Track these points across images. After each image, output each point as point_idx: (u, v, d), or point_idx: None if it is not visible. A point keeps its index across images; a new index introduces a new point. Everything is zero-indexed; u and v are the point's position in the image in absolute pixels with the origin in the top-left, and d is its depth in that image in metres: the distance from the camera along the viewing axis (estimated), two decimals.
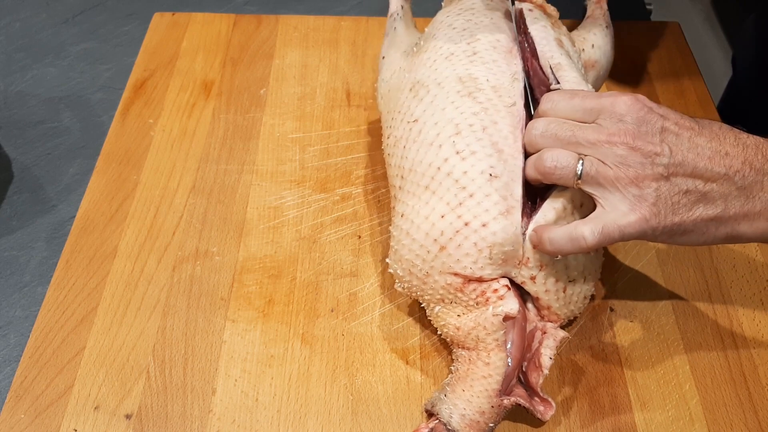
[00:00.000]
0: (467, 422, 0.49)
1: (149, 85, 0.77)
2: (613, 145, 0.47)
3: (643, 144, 0.47)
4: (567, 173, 0.48)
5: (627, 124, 0.47)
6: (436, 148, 0.52)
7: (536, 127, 0.50)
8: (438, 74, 0.56)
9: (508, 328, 0.50)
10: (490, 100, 0.53)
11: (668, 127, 0.47)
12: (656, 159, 0.46)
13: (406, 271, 0.53)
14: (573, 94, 0.50)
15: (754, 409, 0.54)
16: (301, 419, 0.53)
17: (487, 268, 0.50)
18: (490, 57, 0.56)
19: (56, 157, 0.74)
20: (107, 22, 0.90)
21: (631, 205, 0.47)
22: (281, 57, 0.80)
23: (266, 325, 0.58)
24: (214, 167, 0.69)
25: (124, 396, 0.54)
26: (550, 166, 0.48)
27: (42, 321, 0.58)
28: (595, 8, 0.68)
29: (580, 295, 0.53)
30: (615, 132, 0.47)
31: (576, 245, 0.47)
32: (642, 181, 0.46)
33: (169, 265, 0.62)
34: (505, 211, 0.49)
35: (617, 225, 0.47)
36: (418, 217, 0.52)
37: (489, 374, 0.50)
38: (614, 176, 0.47)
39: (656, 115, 0.48)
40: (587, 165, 0.47)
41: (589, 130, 0.48)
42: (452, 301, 0.52)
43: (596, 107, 0.49)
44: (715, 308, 0.60)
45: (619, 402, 0.54)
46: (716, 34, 0.93)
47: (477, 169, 0.50)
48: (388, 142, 0.58)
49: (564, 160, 0.48)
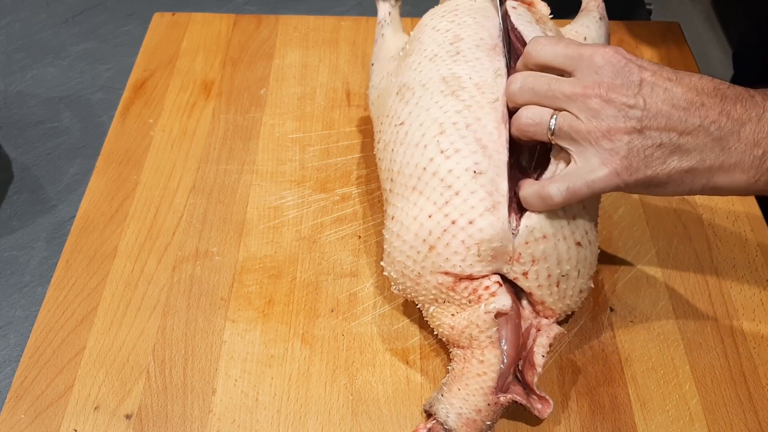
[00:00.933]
0: (464, 421, 0.49)
1: (149, 85, 0.77)
2: (587, 98, 0.47)
3: (616, 96, 0.46)
4: (541, 129, 0.49)
5: (603, 76, 0.47)
6: (422, 149, 0.52)
7: (515, 81, 0.51)
8: (422, 76, 0.56)
9: (501, 325, 0.50)
10: (473, 98, 0.53)
11: (645, 78, 0.47)
12: (629, 112, 0.46)
13: (399, 273, 0.53)
14: (558, 40, 0.51)
15: (754, 409, 0.54)
16: (301, 419, 0.53)
17: (477, 266, 0.50)
18: (473, 55, 0.56)
19: (56, 157, 0.74)
20: (107, 22, 0.90)
21: (603, 159, 0.47)
22: (281, 57, 0.80)
23: (266, 325, 0.58)
24: (214, 167, 0.69)
25: (124, 396, 0.54)
26: (524, 122, 0.49)
27: (42, 321, 0.58)
28: (589, 1, 0.68)
29: (575, 289, 0.52)
30: (590, 84, 0.47)
31: (546, 203, 0.48)
32: (614, 135, 0.46)
33: (169, 265, 0.62)
34: (491, 207, 0.49)
35: (584, 181, 0.47)
36: (407, 219, 0.52)
37: (484, 372, 0.50)
38: (586, 130, 0.47)
39: (635, 66, 0.47)
40: (560, 120, 0.48)
41: (564, 83, 0.48)
42: (445, 301, 0.52)
43: (576, 56, 0.49)
44: (715, 308, 0.60)
45: (619, 402, 0.54)
46: (716, 34, 0.93)
47: (462, 166, 0.50)
48: (378, 147, 0.58)
49: (537, 116, 0.49)
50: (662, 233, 0.64)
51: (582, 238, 0.51)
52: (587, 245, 0.52)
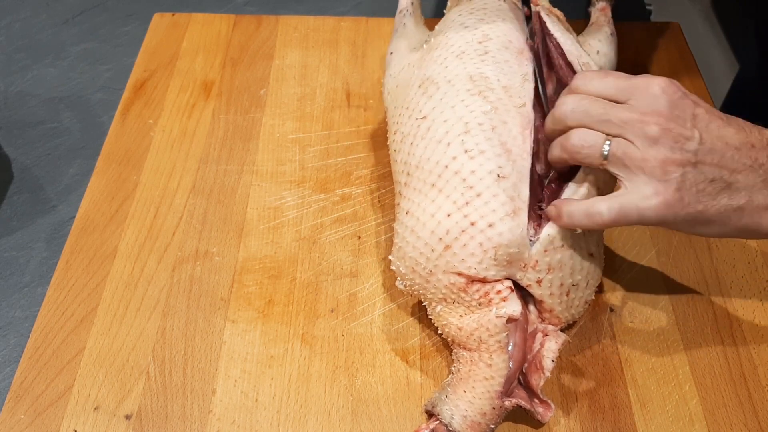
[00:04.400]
0: (468, 423, 0.49)
1: (149, 85, 0.77)
2: (645, 125, 0.46)
3: (675, 126, 0.46)
4: (593, 152, 0.47)
5: (660, 105, 0.47)
6: (445, 146, 0.52)
7: (567, 102, 0.49)
8: (448, 72, 0.56)
9: (511, 330, 0.50)
10: (501, 100, 0.53)
11: (699, 114, 0.47)
12: (686, 144, 0.46)
13: (409, 269, 0.53)
14: (606, 73, 0.50)
15: (754, 409, 0.54)
16: (301, 420, 0.53)
17: (492, 269, 0.49)
18: (501, 57, 0.55)
19: (56, 157, 0.74)
20: (107, 23, 0.90)
21: (655, 189, 0.46)
22: (281, 57, 0.80)
23: (266, 325, 0.58)
24: (214, 167, 0.69)
25: (124, 396, 0.54)
26: (577, 144, 0.48)
27: (42, 321, 0.58)
28: (600, 15, 0.68)
29: (582, 300, 0.53)
30: (648, 112, 0.46)
31: (592, 221, 0.47)
32: (669, 165, 0.46)
33: (169, 266, 0.62)
34: (512, 212, 0.49)
35: (636, 206, 0.46)
36: (424, 215, 0.51)
37: (491, 376, 0.49)
38: (641, 157, 0.46)
39: (689, 100, 0.47)
40: (614, 145, 0.47)
41: (621, 108, 0.47)
42: (455, 301, 0.52)
43: (629, 87, 0.48)
44: (715, 308, 0.60)
45: (619, 402, 0.54)
46: (716, 34, 0.93)
47: (485, 168, 0.50)
48: (394, 138, 0.58)
49: (591, 139, 0.47)
50: (662, 233, 0.64)
51: (594, 250, 0.52)
52: (597, 256, 0.52)
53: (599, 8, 0.69)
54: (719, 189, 0.47)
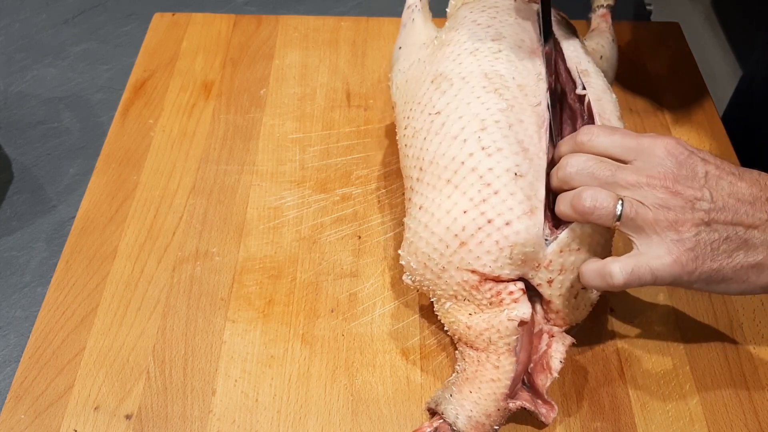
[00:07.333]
0: (473, 424, 0.49)
1: (149, 85, 0.77)
2: (653, 188, 0.46)
3: (683, 188, 0.45)
4: (606, 213, 0.46)
5: (667, 167, 0.46)
6: (461, 143, 0.51)
7: (572, 164, 0.48)
8: (462, 68, 0.55)
9: (520, 333, 0.50)
10: (516, 98, 0.53)
11: (709, 171, 0.46)
12: (697, 204, 0.45)
13: (421, 264, 0.52)
14: (613, 130, 0.49)
15: (754, 410, 0.54)
16: (301, 420, 0.53)
17: (507, 268, 0.49)
18: (515, 55, 0.55)
19: (56, 157, 0.74)
20: (107, 23, 0.90)
21: (669, 249, 0.45)
22: (281, 57, 0.80)
23: (266, 325, 0.58)
24: (214, 167, 0.69)
25: (124, 396, 0.54)
26: (589, 205, 0.46)
27: (42, 321, 0.58)
28: (601, 21, 0.69)
29: (587, 302, 0.52)
30: (655, 174, 0.46)
31: (603, 282, 0.46)
32: (682, 226, 0.45)
33: (169, 266, 0.62)
34: (529, 210, 0.49)
35: (649, 267, 0.45)
36: (439, 211, 0.51)
37: (498, 378, 0.49)
38: (654, 219, 0.45)
39: (697, 158, 0.47)
40: (627, 207, 0.46)
41: (628, 170, 0.47)
42: (465, 299, 0.51)
43: (636, 147, 0.47)
44: (715, 308, 0.60)
45: (619, 402, 0.54)
46: (716, 35, 0.93)
47: (503, 166, 0.50)
48: (405, 133, 0.57)
49: (603, 200, 0.46)
50: None
51: (605, 255, 0.51)
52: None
53: (600, 14, 0.70)
54: (735, 246, 0.46)
